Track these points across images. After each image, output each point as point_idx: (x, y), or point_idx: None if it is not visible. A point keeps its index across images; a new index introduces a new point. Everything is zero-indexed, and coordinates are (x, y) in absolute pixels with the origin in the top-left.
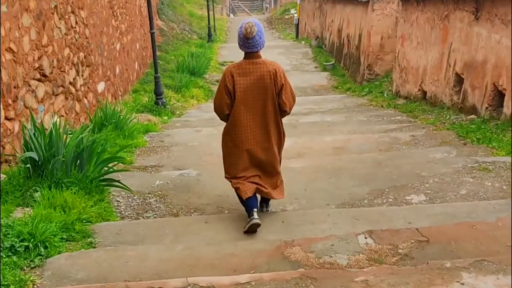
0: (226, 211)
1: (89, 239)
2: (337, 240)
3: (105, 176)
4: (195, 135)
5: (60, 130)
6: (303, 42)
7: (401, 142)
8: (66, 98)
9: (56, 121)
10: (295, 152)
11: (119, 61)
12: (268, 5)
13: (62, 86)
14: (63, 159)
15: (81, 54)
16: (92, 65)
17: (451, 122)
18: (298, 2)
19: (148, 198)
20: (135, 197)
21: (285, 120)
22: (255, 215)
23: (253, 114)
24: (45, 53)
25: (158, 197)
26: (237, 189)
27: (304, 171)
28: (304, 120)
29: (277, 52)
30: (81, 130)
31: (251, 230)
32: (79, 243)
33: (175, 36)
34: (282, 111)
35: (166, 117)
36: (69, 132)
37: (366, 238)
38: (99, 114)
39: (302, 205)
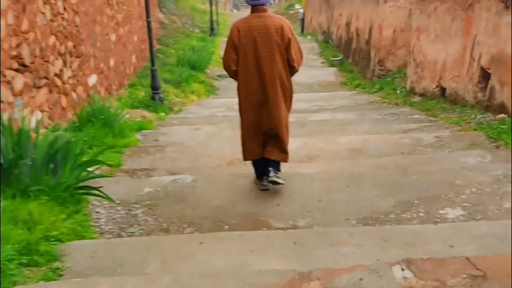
0: (226, 227)
1: (55, 264)
2: (366, 272)
3: (84, 183)
4: (193, 133)
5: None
6: (309, 37)
7: (424, 144)
8: (51, 91)
9: (25, 116)
10: (305, 155)
11: (114, 53)
12: (272, 1)
13: (45, 77)
14: (31, 163)
15: (70, 44)
16: (82, 56)
17: (477, 122)
18: None
19: (134, 209)
20: (118, 208)
21: (292, 117)
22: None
23: (261, 68)
24: (25, 40)
25: (146, 208)
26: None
27: (318, 178)
28: (313, 118)
29: None
30: (53, 128)
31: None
32: (43, 269)
33: (176, 30)
34: (291, 67)
35: (163, 114)
36: (52, 130)
37: (403, 270)
38: (86, 110)
39: (317, 220)
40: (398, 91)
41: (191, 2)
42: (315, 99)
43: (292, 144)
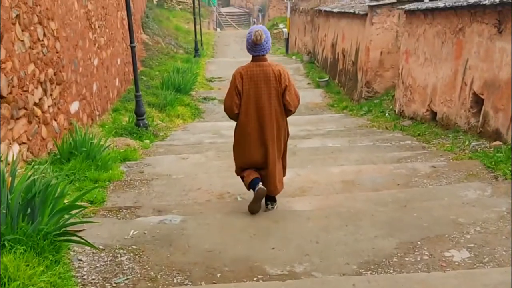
0: (219, 274)
1: None
2: None
3: (65, 229)
4: (180, 164)
5: (7, 168)
6: (293, 57)
7: (421, 175)
8: (30, 122)
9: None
10: (298, 188)
11: (96, 77)
12: (255, 20)
13: (24, 108)
14: (5, 211)
15: (50, 71)
16: (63, 82)
17: (472, 150)
18: (288, 16)
19: (119, 256)
20: (102, 254)
21: None
22: (260, 185)
23: (260, 111)
24: (2, 70)
25: (131, 254)
26: (243, 178)
27: (313, 216)
28: (303, 145)
29: None
30: (31, 168)
31: (259, 197)
32: None
33: (160, 51)
34: (287, 110)
35: (148, 141)
36: (31, 163)
37: None
38: (68, 141)
39: (316, 265)
40: (387, 114)
41: (175, 22)
42: (303, 123)
43: (285, 176)
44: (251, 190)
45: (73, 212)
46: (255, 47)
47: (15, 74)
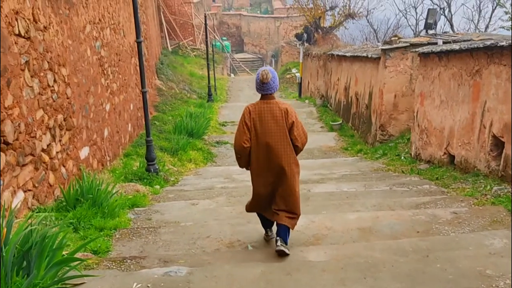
0: None
1: None
2: None
3: (63, 283)
4: (189, 210)
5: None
6: (306, 101)
7: (441, 222)
8: (36, 169)
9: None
10: (312, 235)
11: (108, 123)
12: (268, 65)
13: (31, 154)
14: None
15: (60, 117)
16: (73, 128)
17: (495, 195)
18: (301, 61)
19: None
20: None
21: None
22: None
23: (268, 146)
24: (9, 116)
25: None
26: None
27: (329, 267)
28: (317, 190)
29: None
30: (28, 217)
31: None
32: None
33: (174, 96)
34: (295, 146)
35: (158, 186)
36: (36, 211)
37: None
38: (74, 188)
39: None
40: (402, 158)
41: (189, 68)
42: (317, 166)
43: (298, 223)
44: (262, 238)
45: (74, 263)
46: (263, 86)
47: (22, 120)
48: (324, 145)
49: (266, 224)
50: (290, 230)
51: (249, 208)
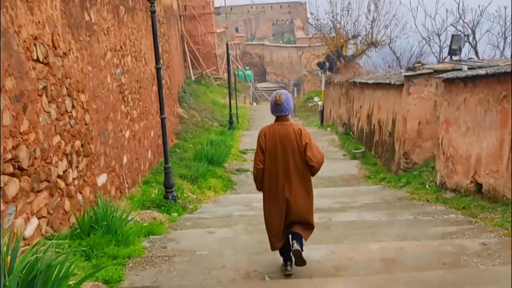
0: None
1: None
2: None
3: None
4: (206, 238)
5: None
6: (328, 129)
7: (470, 253)
8: (52, 195)
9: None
10: (332, 266)
11: (127, 150)
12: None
13: (46, 180)
14: None
15: (77, 143)
16: (91, 155)
17: None
18: (323, 89)
19: None
20: None
21: (315, 217)
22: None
23: (283, 167)
24: (24, 141)
25: None
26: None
27: None
28: (338, 219)
29: None
30: (33, 246)
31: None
32: None
33: (196, 124)
34: (310, 166)
35: (175, 214)
36: (49, 238)
37: None
38: (89, 214)
39: None
40: (427, 186)
41: (211, 96)
42: (339, 195)
43: (318, 253)
44: (280, 268)
45: None
46: (277, 107)
47: (38, 146)
48: (347, 173)
49: (284, 252)
50: (304, 241)
51: (270, 242)
